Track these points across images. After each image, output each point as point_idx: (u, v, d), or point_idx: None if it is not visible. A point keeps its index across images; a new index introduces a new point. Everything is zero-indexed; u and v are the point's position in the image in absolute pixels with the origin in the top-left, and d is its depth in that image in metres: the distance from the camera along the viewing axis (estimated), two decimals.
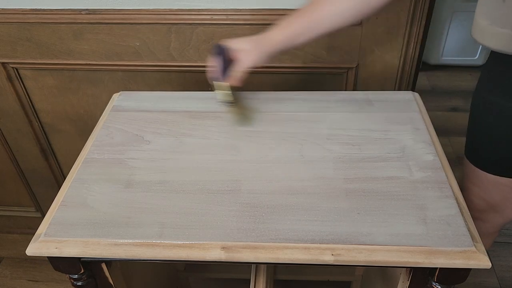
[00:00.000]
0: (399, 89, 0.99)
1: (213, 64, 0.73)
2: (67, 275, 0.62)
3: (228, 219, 0.57)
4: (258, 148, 0.69)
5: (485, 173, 0.74)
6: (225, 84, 0.71)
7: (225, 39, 0.72)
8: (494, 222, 0.86)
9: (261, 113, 0.77)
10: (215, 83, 0.72)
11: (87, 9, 0.94)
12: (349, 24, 0.72)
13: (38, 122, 1.15)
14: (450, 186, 0.60)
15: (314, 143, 0.69)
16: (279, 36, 0.71)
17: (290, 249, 0.53)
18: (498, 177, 0.76)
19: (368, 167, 0.64)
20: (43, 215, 0.69)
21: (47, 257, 0.57)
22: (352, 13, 0.70)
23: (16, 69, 1.04)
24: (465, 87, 2.18)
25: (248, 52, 0.70)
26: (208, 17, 0.91)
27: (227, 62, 0.71)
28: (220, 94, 0.73)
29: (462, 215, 0.56)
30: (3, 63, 1.03)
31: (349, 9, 0.70)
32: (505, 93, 0.71)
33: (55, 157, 1.24)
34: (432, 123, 0.74)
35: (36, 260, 1.38)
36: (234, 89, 0.72)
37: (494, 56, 0.68)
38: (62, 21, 0.95)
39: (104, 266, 0.62)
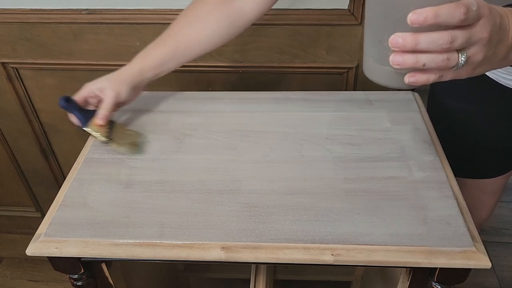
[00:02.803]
0: (399, 89, 0.99)
1: (71, 117, 0.70)
2: (67, 275, 0.62)
3: (228, 219, 0.57)
4: (258, 148, 0.69)
5: None
6: (94, 127, 0.68)
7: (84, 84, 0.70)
8: None
9: (261, 113, 0.77)
10: (86, 130, 0.69)
11: (87, 9, 0.94)
12: (220, 45, 0.72)
13: (38, 122, 1.15)
14: (450, 186, 0.60)
15: (314, 143, 0.69)
16: (139, 65, 0.70)
17: (290, 249, 0.53)
18: (463, 179, 0.77)
19: (368, 167, 0.64)
20: (43, 215, 0.69)
21: (47, 257, 0.57)
22: (219, 36, 0.71)
23: (16, 69, 1.04)
24: None
25: (107, 88, 0.68)
26: None
27: (80, 108, 0.69)
28: (97, 137, 0.69)
29: (462, 215, 0.56)
30: (3, 63, 1.03)
31: (215, 34, 0.70)
32: (456, 95, 0.72)
33: (55, 157, 1.24)
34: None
35: (36, 260, 1.38)
36: (107, 126, 0.69)
37: None
38: (62, 21, 0.95)
39: (104, 266, 0.62)
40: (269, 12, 0.90)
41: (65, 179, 0.67)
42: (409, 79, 0.41)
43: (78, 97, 0.69)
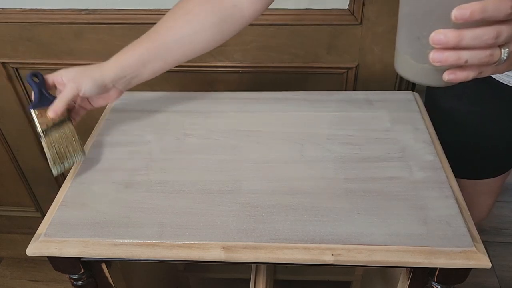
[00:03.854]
0: (399, 89, 0.99)
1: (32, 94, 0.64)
2: (67, 275, 0.62)
3: (228, 219, 0.57)
4: (258, 148, 0.69)
5: None
6: (41, 113, 0.62)
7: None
8: None
9: (261, 113, 0.77)
10: (31, 111, 0.62)
11: (87, 9, 0.94)
12: (205, 51, 0.65)
13: None
14: (450, 186, 0.60)
15: (314, 143, 0.69)
16: (116, 62, 0.63)
17: (290, 249, 0.53)
18: (461, 179, 0.77)
19: (368, 167, 0.64)
20: (43, 215, 0.69)
21: (47, 257, 0.57)
22: (210, 33, 0.64)
23: (16, 69, 1.05)
24: None
25: (73, 78, 0.62)
26: None
27: (45, 89, 0.63)
28: (36, 125, 0.61)
29: (462, 215, 0.56)
30: (3, 63, 1.03)
31: (204, 30, 0.63)
32: (454, 95, 0.72)
33: None
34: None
35: (36, 260, 1.38)
36: (54, 120, 0.63)
37: None
38: (62, 21, 0.95)
39: (104, 266, 0.62)
40: (269, 12, 0.90)
41: (65, 179, 0.67)
42: (448, 76, 0.40)
43: (48, 78, 0.64)
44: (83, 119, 1.11)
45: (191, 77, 1.03)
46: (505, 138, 0.73)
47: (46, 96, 0.63)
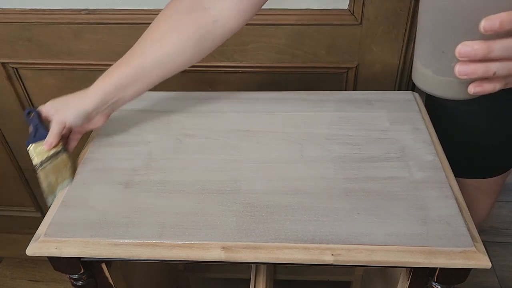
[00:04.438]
0: (399, 89, 0.99)
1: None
2: (67, 275, 0.62)
3: (228, 219, 0.57)
4: (258, 148, 0.69)
5: None
6: (38, 148, 0.65)
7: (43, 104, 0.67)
8: None
9: (261, 113, 0.77)
10: (27, 147, 0.66)
11: (87, 9, 0.94)
12: (185, 67, 0.65)
13: None
14: (450, 186, 0.60)
15: (314, 143, 0.69)
16: (97, 90, 0.64)
17: (290, 249, 0.53)
18: (462, 179, 0.77)
19: (368, 167, 0.64)
20: (43, 215, 0.70)
21: (47, 257, 0.57)
22: (189, 54, 0.63)
23: (16, 69, 1.04)
24: None
25: (57, 112, 0.65)
26: None
27: (41, 124, 0.66)
28: (33, 158, 0.66)
29: (462, 215, 0.56)
30: (3, 63, 1.03)
31: (183, 51, 0.62)
32: None
33: None
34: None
35: (36, 260, 1.38)
36: (50, 152, 0.65)
37: None
38: (62, 21, 0.95)
39: (104, 266, 0.62)
40: (269, 12, 0.90)
41: None
42: (474, 89, 0.39)
43: (42, 111, 0.66)
44: None
45: (191, 77, 1.02)
46: (506, 137, 0.73)
47: (41, 131, 0.66)
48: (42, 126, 0.66)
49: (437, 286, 0.58)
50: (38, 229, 0.58)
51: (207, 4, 0.61)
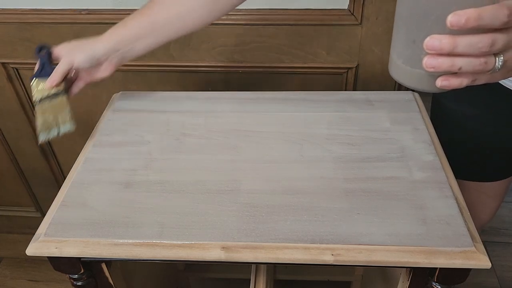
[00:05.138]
0: (399, 89, 0.99)
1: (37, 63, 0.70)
2: (67, 275, 0.62)
3: (228, 219, 0.57)
4: (258, 148, 0.69)
5: None
6: (40, 83, 0.67)
7: None
8: None
9: (261, 113, 0.77)
10: (31, 81, 0.68)
11: (87, 9, 0.94)
12: (196, 29, 0.67)
13: None
14: (450, 186, 0.60)
15: (314, 143, 0.69)
16: (110, 37, 0.66)
17: (290, 249, 0.53)
18: (465, 181, 0.76)
19: (368, 167, 0.64)
20: (43, 215, 0.70)
21: (47, 257, 0.57)
22: (200, 14, 0.65)
23: (16, 69, 1.04)
24: None
25: (68, 52, 0.67)
26: None
27: (49, 62, 0.68)
28: (34, 93, 0.67)
29: (462, 215, 0.56)
30: (3, 63, 1.03)
31: (196, 10, 0.64)
32: (460, 98, 0.72)
33: (55, 157, 1.24)
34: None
35: (36, 260, 1.38)
36: (53, 92, 0.67)
37: None
38: (62, 21, 0.95)
39: (104, 266, 0.62)
40: (269, 12, 0.90)
41: (65, 179, 0.67)
42: (441, 82, 0.39)
43: (54, 51, 0.68)
44: (83, 118, 1.11)
45: (191, 77, 1.03)
46: (511, 141, 0.72)
47: (47, 68, 0.67)
48: (49, 64, 0.67)
49: (437, 286, 0.58)
50: (38, 229, 0.58)
51: None
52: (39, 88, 0.66)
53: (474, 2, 0.35)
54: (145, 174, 0.65)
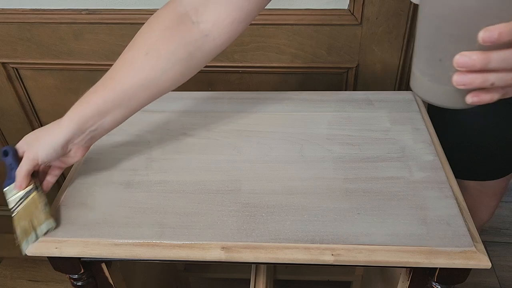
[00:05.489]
0: (399, 89, 0.99)
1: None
2: (67, 275, 0.62)
3: (228, 219, 0.57)
4: (258, 148, 0.69)
5: None
6: (9, 190, 0.59)
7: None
8: None
9: (261, 113, 0.77)
10: (4, 191, 0.59)
11: (87, 9, 0.94)
12: (171, 89, 0.59)
13: (38, 122, 1.15)
14: (450, 186, 0.60)
15: (314, 143, 0.69)
16: (68, 121, 0.56)
17: (290, 249, 0.53)
18: (465, 181, 0.76)
19: (368, 167, 0.64)
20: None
21: (47, 257, 0.57)
22: (177, 73, 0.57)
23: (16, 69, 1.04)
24: None
25: (28, 149, 0.58)
26: None
27: (16, 165, 0.59)
28: (9, 203, 0.59)
29: (462, 215, 0.56)
30: (3, 63, 1.03)
31: (170, 71, 0.56)
32: None
33: None
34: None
35: (36, 260, 1.38)
36: (24, 193, 0.59)
37: None
38: (62, 21, 0.95)
39: (104, 266, 0.62)
40: (269, 12, 0.90)
41: (65, 179, 0.67)
42: (472, 99, 0.39)
43: (18, 149, 0.61)
44: None
45: (191, 77, 1.02)
46: (509, 139, 0.72)
47: (15, 171, 0.59)
48: (16, 166, 0.58)
49: (437, 286, 0.58)
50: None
51: (195, 17, 0.53)
52: (12, 194, 0.59)
53: (499, 16, 0.34)
54: (145, 174, 0.65)
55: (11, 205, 0.59)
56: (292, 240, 0.54)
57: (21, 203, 0.58)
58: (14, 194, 0.58)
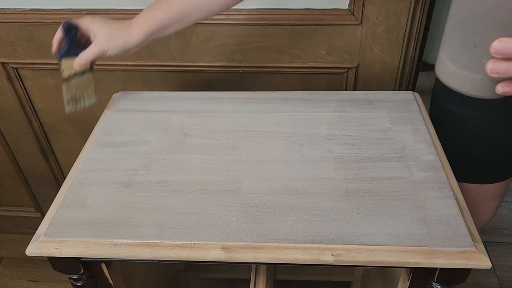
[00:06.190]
0: (399, 89, 0.99)
1: (61, 40, 0.70)
2: (67, 275, 0.62)
3: (228, 219, 0.57)
4: (258, 148, 0.69)
5: None
6: (68, 63, 0.70)
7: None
8: None
9: (261, 113, 0.77)
10: (60, 60, 0.71)
11: (87, 9, 0.94)
12: (228, 7, 0.69)
13: (38, 122, 1.15)
14: (450, 186, 0.60)
15: (314, 143, 0.69)
16: (142, 29, 0.68)
17: (290, 249, 0.53)
18: (466, 183, 0.76)
19: (368, 167, 0.64)
20: (43, 215, 0.70)
21: (47, 257, 0.57)
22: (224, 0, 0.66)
23: (16, 69, 1.04)
24: None
25: (103, 39, 0.68)
26: None
27: (76, 40, 0.70)
28: (63, 71, 0.71)
29: (462, 215, 0.56)
30: (3, 63, 1.03)
31: None
32: (459, 100, 0.71)
33: (55, 157, 1.24)
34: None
35: (36, 260, 1.38)
36: (80, 69, 0.71)
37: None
38: (62, 21, 0.95)
39: (104, 266, 0.62)
40: (269, 12, 0.90)
41: (65, 179, 0.67)
42: (503, 88, 0.37)
43: (83, 29, 0.69)
44: (83, 118, 1.11)
45: (191, 77, 1.02)
46: (511, 143, 0.72)
47: (74, 47, 0.69)
48: (77, 43, 0.69)
49: (437, 286, 0.58)
50: (38, 229, 0.58)
51: None
52: (67, 66, 0.70)
53: None
54: (145, 174, 0.65)
55: (64, 74, 0.71)
56: (292, 240, 0.54)
57: (76, 77, 0.72)
58: (70, 66, 0.70)
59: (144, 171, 0.65)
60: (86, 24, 0.69)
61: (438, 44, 0.45)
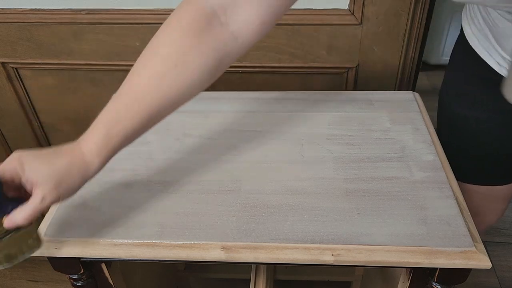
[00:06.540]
0: (399, 89, 0.99)
1: None
2: (67, 275, 0.62)
3: (228, 219, 0.57)
4: (258, 148, 0.69)
5: (459, 182, 0.74)
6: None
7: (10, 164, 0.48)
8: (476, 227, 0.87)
9: (261, 113, 0.77)
10: None
11: (87, 9, 0.94)
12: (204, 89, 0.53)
13: (38, 122, 1.15)
14: (450, 186, 0.60)
15: (314, 143, 0.69)
16: (99, 154, 0.50)
17: (290, 249, 0.53)
18: (473, 185, 0.76)
19: (368, 167, 0.64)
20: (43, 215, 0.69)
21: (47, 257, 0.57)
22: (204, 81, 0.50)
23: (16, 69, 1.04)
24: None
25: (47, 190, 0.47)
26: None
27: (2, 195, 0.48)
28: None
29: (462, 215, 0.56)
30: (3, 63, 1.03)
31: (197, 85, 0.50)
32: (467, 103, 0.71)
33: None
34: (433, 123, 0.74)
35: (36, 260, 1.38)
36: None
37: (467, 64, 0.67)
38: (62, 21, 0.95)
39: (104, 266, 0.62)
40: None
41: None
42: None
43: (11, 173, 0.47)
44: (83, 118, 1.11)
45: None
46: None
47: (3, 205, 0.48)
48: (4, 197, 0.48)
49: (437, 286, 0.58)
50: (38, 229, 0.58)
51: (224, 18, 0.47)
52: None
53: None
54: (145, 174, 0.65)
55: None
56: (292, 240, 0.54)
57: (10, 234, 0.50)
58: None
59: (144, 171, 0.65)
60: (12, 168, 0.47)
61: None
